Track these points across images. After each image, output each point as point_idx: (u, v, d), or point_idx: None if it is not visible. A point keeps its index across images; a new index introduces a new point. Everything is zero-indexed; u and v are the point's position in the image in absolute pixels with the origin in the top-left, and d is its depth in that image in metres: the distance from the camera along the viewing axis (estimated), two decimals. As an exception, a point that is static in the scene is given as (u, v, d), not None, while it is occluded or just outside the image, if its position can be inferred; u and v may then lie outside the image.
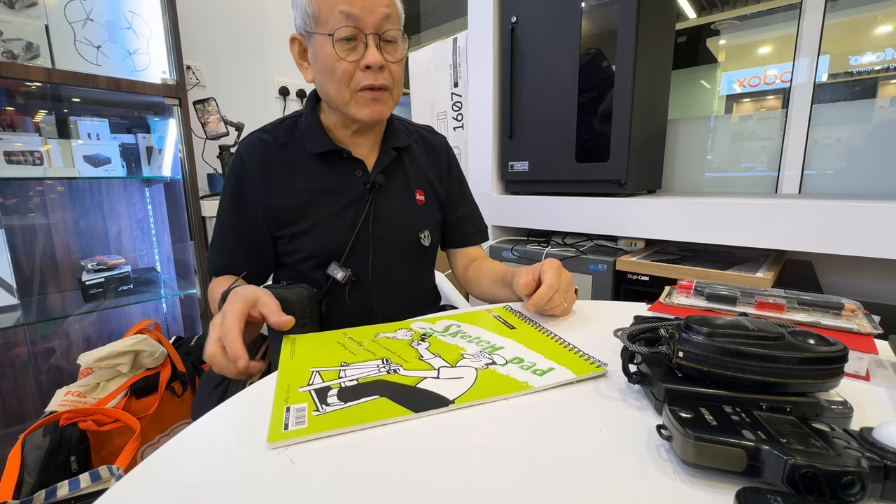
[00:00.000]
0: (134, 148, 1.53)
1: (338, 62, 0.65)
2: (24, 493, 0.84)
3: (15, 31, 1.24)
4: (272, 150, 0.74)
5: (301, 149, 0.74)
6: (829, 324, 0.49)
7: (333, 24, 0.64)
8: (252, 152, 0.73)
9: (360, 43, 0.65)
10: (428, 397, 0.41)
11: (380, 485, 0.30)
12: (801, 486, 0.26)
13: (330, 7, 0.63)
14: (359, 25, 0.64)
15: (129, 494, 0.31)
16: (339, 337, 0.57)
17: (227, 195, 0.75)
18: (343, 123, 0.74)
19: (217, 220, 0.77)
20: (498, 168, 1.53)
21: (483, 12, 1.45)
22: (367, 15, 0.64)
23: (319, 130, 0.74)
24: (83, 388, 1.07)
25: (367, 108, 0.69)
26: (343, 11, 0.63)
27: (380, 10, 0.64)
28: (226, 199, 0.76)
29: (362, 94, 0.68)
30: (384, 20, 0.65)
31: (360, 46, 0.65)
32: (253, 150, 0.73)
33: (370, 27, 0.65)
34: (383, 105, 0.70)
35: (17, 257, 1.44)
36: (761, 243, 1.01)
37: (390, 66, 0.68)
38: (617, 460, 0.32)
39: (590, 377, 0.45)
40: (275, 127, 0.76)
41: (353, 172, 0.75)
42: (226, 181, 0.76)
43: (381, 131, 0.79)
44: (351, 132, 0.75)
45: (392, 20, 0.67)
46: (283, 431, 0.35)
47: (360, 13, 0.63)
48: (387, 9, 0.65)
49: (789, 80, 1.35)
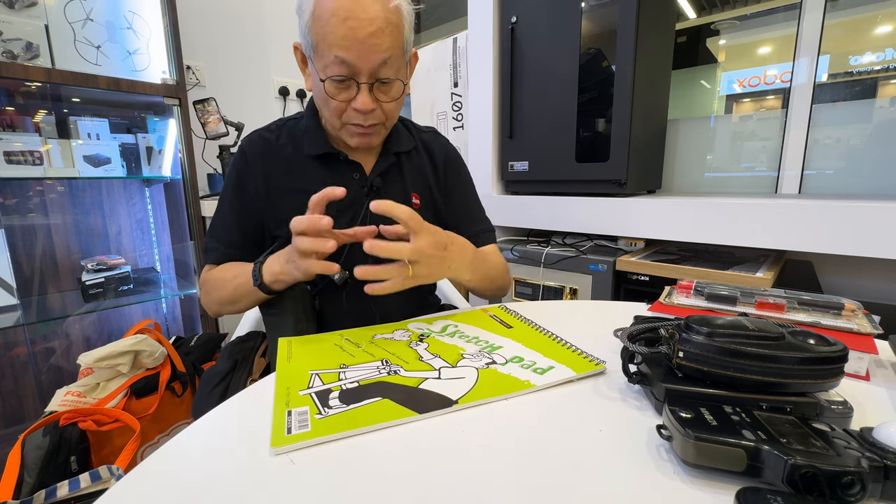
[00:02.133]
0: (134, 148, 1.53)
1: (329, 98, 0.64)
2: (24, 493, 0.84)
3: (15, 31, 1.24)
4: (274, 148, 0.74)
5: (300, 150, 0.74)
6: (829, 324, 0.49)
7: (327, 65, 0.61)
8: (254, 149, 0.74)
9: (354, 84, 0.63)
10: (431, 398, 0.41)
11: (380, 485, 0.30)
12: (801, 486, 0.26)
13: (327, 46, 0.60)
14: (352, 72, 0.62)
15: (129, 494, 0.31)
16: (336, 339, 0.56)
17: (229, 190, 0.76)
18: None
19: (218, 213, 0.77)
20: (498, 168, 1.53)
21: (483, 12, 1.45)
22: (363, 63, 0.61)
23: (318, 133, 0.74)
24: (83, 388, 1.07)
25: (357, 139, 0.69)
26: (338, 56, 0.60)
27: (377, 57, 0.61)
28: (228, 193, 0.76)
29: (353, 128, 0.68)
30: (380, 66, 0.62)
31: (353, 87, 0.63)
32: (255, 147, 0.74)
33: (364, 75, 0.62)
34: (374, 137, 0.70)
35: (17, 257, 1.44)
36: (761, 243, 1.01)
37: (383, 105, 0.67)
38: (617, 460, 0.32)
39: (589, 375, 0.45)
40: (277, 127, 0.77)
41: (351, 175, 0.75)
42: (228, 176, 0.77)
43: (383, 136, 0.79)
44: None
45: (390, 64, 0.63)
46: (286, 436, 0.35)
47: (355, 61, 0.60)
48: (385, 53, 0.61)
49: (789, 80, 1.36)
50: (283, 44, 2.06)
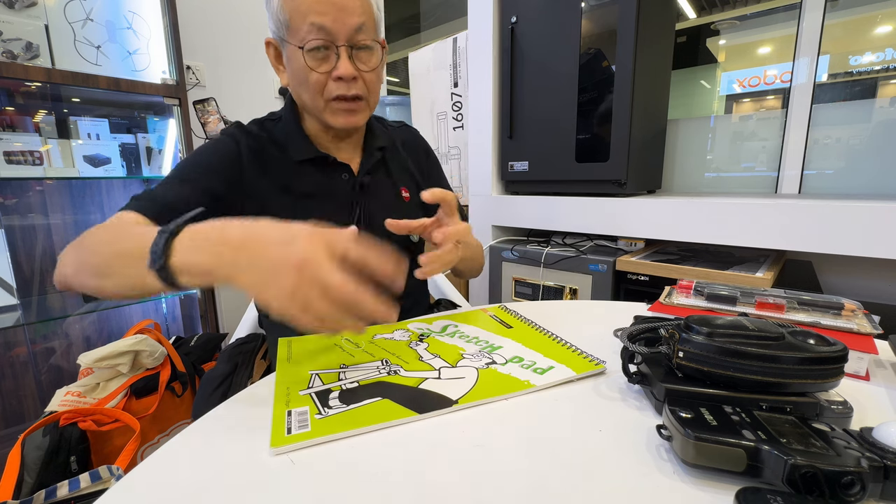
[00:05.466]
0: (134, 148, 1.53)
1: (309, 73, 0.63)
2: (24, 493, 0.84)
3: (15, 31, 1.24)
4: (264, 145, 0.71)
5: (285, 152, 0.72)
6: (829, 324, 0.49)
7: (304, 36, 0.61)
8: (247, 139, 0.70)
9: (332, 53, 0.63)
10: (431, 398, 0.41)
11: (380, 485, 0.30)
12: (801, 486, 0.26)
13: (301, 16, 0.60)
14: (329, 38, 0.61)
15: (129, 494, 0.31)
16: (335, 339, 0.56)
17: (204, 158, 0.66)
18: (324, 129, 0.73)
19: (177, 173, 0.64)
20: (498, 168, 1.52)
21: (483, 12, 1.45)
22: (339, 27, 0.61)
23: (302, 137, 0.72)
24: (83, 388, 1.07)
25: (341, 117, 0.68)
26: (314, 23, 0.60)
27: (352, 21, 0.62)
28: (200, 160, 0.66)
29: (336, 104, 0.66)
30: (357, 31, 0.62)
31: (332, 57, 0.63)
32: (247, 138, 0.70)
33: (342, 38, 0.62)
34: (359, 115, 0.69)
35: (17, 257, 1.44)
36: (761, 243, 1.01)
37: (364, 75, 0.66)
38: (617, 460, 0.32)
39: (589, 375, 0.45)
40: (260, 125, 0.73)
41: (340, 176, 0.74)
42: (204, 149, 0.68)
43: (362, 135, 0.78)
44: (331, 136, 0.73)
45: (366, 29, 0.64)
46: (286, 436, 0.35)
47: (331, 25, 0.61)
48: (360, 18, 0.62)
49: (789, 80, 1.35)
50: (283, 44, 2.06)
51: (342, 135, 0.74)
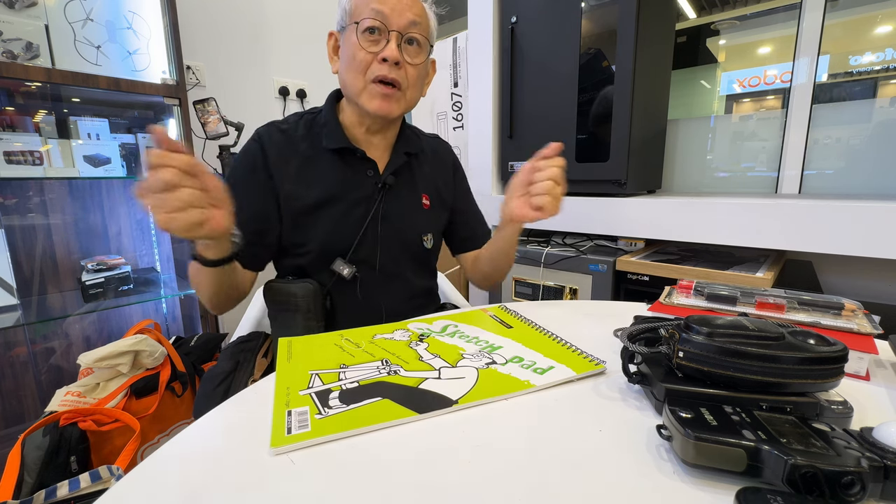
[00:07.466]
0: (134, 148, 1.53)
1: (359, 50, 0.68)
2: (24, 493, 0.84)
3: (15, 31, 1.24)
4: (292, 140, 0.75)
5: (317, 144, 0.75)
6: (829, 324, 0.49)
7: (362, 15, 0.68)
8: (272, 138, 0.74)
9: (384, 38, 0.69)
10: (431, 398, 0.41)
11: (380, 485, 0.30)
12: (801, 486, 0.26)
13: (364, 3, 0.68)
14: (384, 21, 0.68)
15: (129, 494, 0.31)
16: (335, 339, 0.56)
17: (239, 174, 0.74)
18: (359, 121, 0.76)
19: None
20: (498, 168, 1.52)
21: (483, 12, 1.45)
22: (396, 16, 0.68)
23: (337, 127, 0.76)
24: (83, 388, 1.07)
25: (377, 100, 0.71)
26: (374, 7, 0.68)
27: (408, 15, 0.69)
28: (237, 177, 0.73)
29: (375, 87, 0.70)
30: (410, 24, 0.69)
31: (383, 42, 0.69)
32: (272, 137, 0.74)
33: (395, 25, 0.68)
34: (393, 103, 0.72)
35: (17, 257, 1.44)
36: (761, 243, 1.01)
37: (407, 66, 0.71)
38: (617, 460, 0.32)
39: (589, 375, 0.45)
40: (294, 120, 0.78)
41: (365, 171, 0.76)
42: (238, 161, 0.75)
43: (395, 135, 0.81)
44: (365, 130, 0.76)
45: (419, 27, 0.71)
46: (285, 436, 0.35)
47: (388, 12, 0.68)
48: (416, 17, 0.70)
49: (789, 80, 1.35)
50: (283, 44, 2.06)
51: (374, 128, 0.77)
